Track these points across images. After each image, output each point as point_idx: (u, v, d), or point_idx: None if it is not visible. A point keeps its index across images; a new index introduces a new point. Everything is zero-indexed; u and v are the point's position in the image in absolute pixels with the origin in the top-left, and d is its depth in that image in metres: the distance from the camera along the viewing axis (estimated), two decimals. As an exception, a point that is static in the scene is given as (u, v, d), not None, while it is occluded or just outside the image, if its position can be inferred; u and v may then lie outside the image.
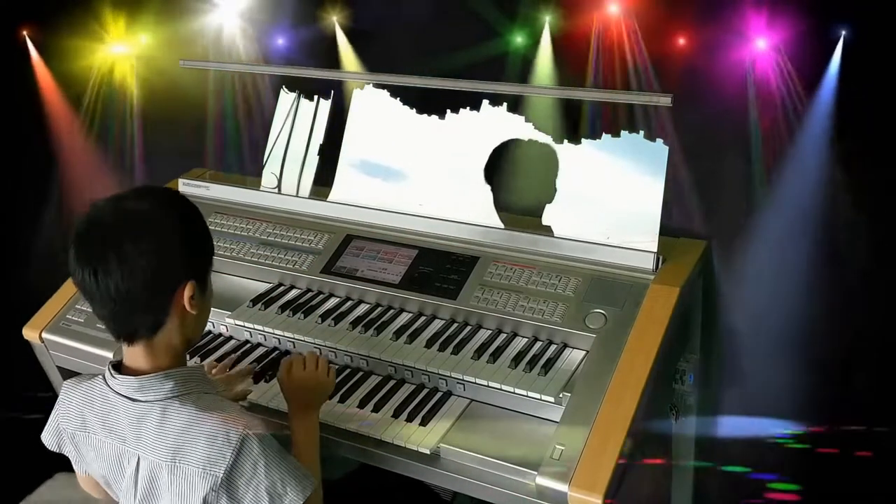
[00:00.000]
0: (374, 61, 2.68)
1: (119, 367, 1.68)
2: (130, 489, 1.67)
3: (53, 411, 1.77)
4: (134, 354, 1.66)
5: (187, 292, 1.61)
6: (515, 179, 2.40)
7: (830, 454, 2.30)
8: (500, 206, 2.31)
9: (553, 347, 2.04)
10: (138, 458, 1.63)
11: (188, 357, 1.89)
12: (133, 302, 1.57)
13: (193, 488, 1.58)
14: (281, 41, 2.86)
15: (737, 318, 2.32)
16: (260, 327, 2.23)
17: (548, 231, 2.21)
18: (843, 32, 1.99)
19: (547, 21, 2.37)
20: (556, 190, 2.20)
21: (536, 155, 2.26)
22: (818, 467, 2.32)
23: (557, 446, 1.76)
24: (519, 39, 2.45)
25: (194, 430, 1.59)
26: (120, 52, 3.04)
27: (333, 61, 2.74)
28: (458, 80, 2.37)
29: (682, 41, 2.21)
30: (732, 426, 2.44)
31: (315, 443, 1.84)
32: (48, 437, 1.78)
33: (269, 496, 1.59)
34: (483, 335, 2.11)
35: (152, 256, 1.55)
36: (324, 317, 2.22)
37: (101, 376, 1.70)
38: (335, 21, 2.71)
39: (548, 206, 2.21)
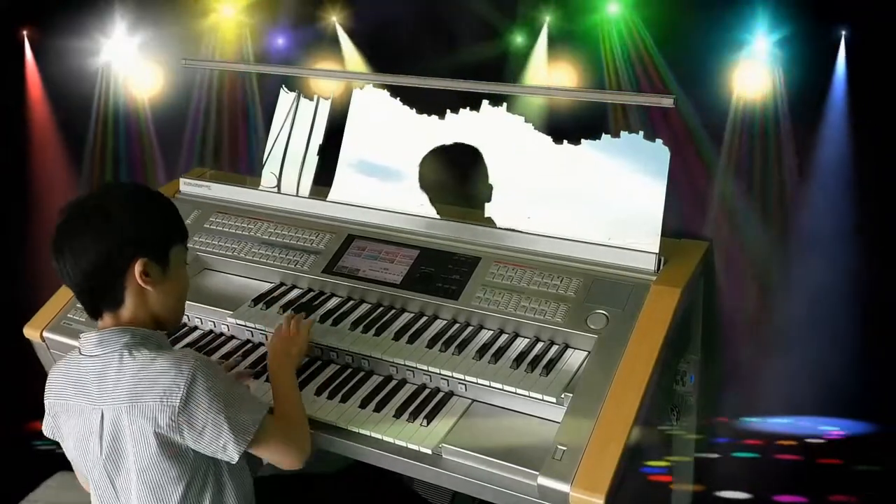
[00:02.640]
0: (374, 61, 2.68)
1: None
2: (96, 448, 1.73)
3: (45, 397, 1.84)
4: (103, 324, 1.78)
5: (138, 268, 1.73)
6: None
7: (832, 453, 2.31)
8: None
9: (555, 348, 2.04)
10: (102, 413, 1.71)
11: None
12: (89, 279, 1.72)
13: (153, 422, 1.66)
14: (281, 41, 2.86)
15: (737, 319, 2.33)
16: (261, 327, 2.23)
17: (548, 231, 2.21)
18: (844, 32, 1.99)
19: (546, 22, 2.36)
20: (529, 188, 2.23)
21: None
22: (819, 467, 2.33)
23: (559, 447, 1.76)
24: (519, 39, 2.45)
25: (148, 370, 1.69)
26: (120, 52, 3.03)
27: (333, 61, 2.74)
28: (457, 81, 2.37)
29: (682, 42, 2.21)
30: (732, 427, 2.45)
31: (293, 392, 1.96)
32: (45, 426, 1.86)
33: (228, 420, 1.69)
34: (485, 335, 2.12)
35: (95, 234, 1.71)
36: (325, 317, 2.22)
37: (77, 347, 1.80)
38: (335, 21, 2.71)
39: (547, 206, 2.22)
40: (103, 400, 1.71)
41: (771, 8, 2.05)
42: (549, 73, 2.42)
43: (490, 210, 2.29)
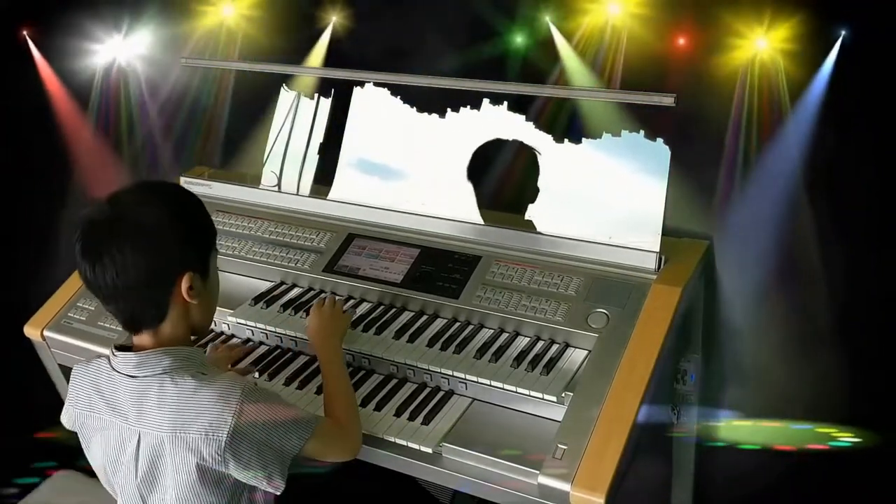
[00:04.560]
0: (374, 61, 2.68)
1: (122, 348, 1.71)
2: (130, 469, 1.69)
3: (67, 394, 1.79)
4: (141, 340, 1.71)
5: (185, 284, 1.66)
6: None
7: (833, 453, 2.30)
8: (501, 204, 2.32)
9: (555, 347, 2.04)
10: (139, 436, 1.66)
11: None
12: (132, 295, 1.62)
13: (198, 454, 1.61)
14: (281, 41, 2.85)
15: (738, 317, 2.32)
16: (262, 326, 2.24)
17: (549, 230, 2.21)
18: (843, 33, 1.99)
19: (551, 22, 2.36)
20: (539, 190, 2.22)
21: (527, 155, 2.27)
22: (820, 467, 2.33)
23: (560, 446, 1.76)
24: (519, 39, 2.45)
25: (193, 400, 1.62)
26: (120, 50, 3.03)
27: (333, 60, 2.74)
28: (458, 79, 2.37)
29: (681, 41, 2.20)
30: (733, 426, 2.45)
31: (340, 369, 1.97)
32: (65, 418, 1.80)
33: (274, 451, 1.65)
34: (485, 335, 2.12)
35: (145, 252, 1.59)
36: (325, 316, 2.22)
37: (106, 357, 1.73)
38: (334, 21, 2.71)
39: (550, 205, 2.21)
40: (142, 424, 1.65)
41: (770, 7, 2.05)
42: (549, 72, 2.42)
43: (540, 216, 2.24)
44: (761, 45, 2.08)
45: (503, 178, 2.46)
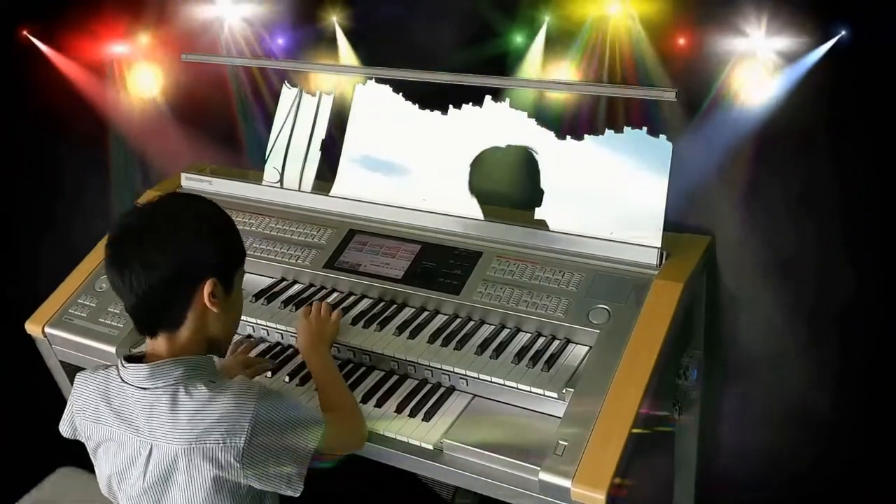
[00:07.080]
0: (374, 60, 2.67)
1: (131, 359, 1.72)
2: (138, 480, 1.68)
3: (69, 403, 1.79)
4: (156, 346, 1.71)
5: (207, 288, 1.67)
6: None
7: (833, 451, 2.30)
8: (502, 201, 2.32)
9: (556, 343, 2.03)
10: (150, 448, 1.65)
11: None
12: (154, 297, 1.64)
13: (216, 464, 1.61)
14: (281, 41, 2.85)
15: (740, 313, 2.32)
16: (263, 322, 2.23)
17: (550, 226, 2.21)
18: (843, 33, 1.98)
19: (546, 21, 2.36)
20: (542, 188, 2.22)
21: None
22: (822, 465, 2.32)
23: (560, 442, 1.75)
24: (519, 39, 2.44)
25: (208, 409, 1.62)
26: (121, 49, 3.02)
27: (334, 59, 2.74)
28: (460, 75, 2.36)
29: (682, 38, 2.20)
30: (735, 422, 2.44)
31: (333, 373, 1.99)
32: (65, 427, 1.82)
33: (291, 452, 1.66)
34: (486, 331, 2.11)
35: (170, 254, 1.64)
36: (326, 312, 2.22)
37: (115, 367, 1.73)
38: (335, 21, 2.70)
39: (550, 201, 2.21)
40: (154, 436, 1.64)
41: (770, 6, 2.04)
42: (550, 70, 2.41)
43: (541, 213, 2.24)
44: (762, 41, 2.07)
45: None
